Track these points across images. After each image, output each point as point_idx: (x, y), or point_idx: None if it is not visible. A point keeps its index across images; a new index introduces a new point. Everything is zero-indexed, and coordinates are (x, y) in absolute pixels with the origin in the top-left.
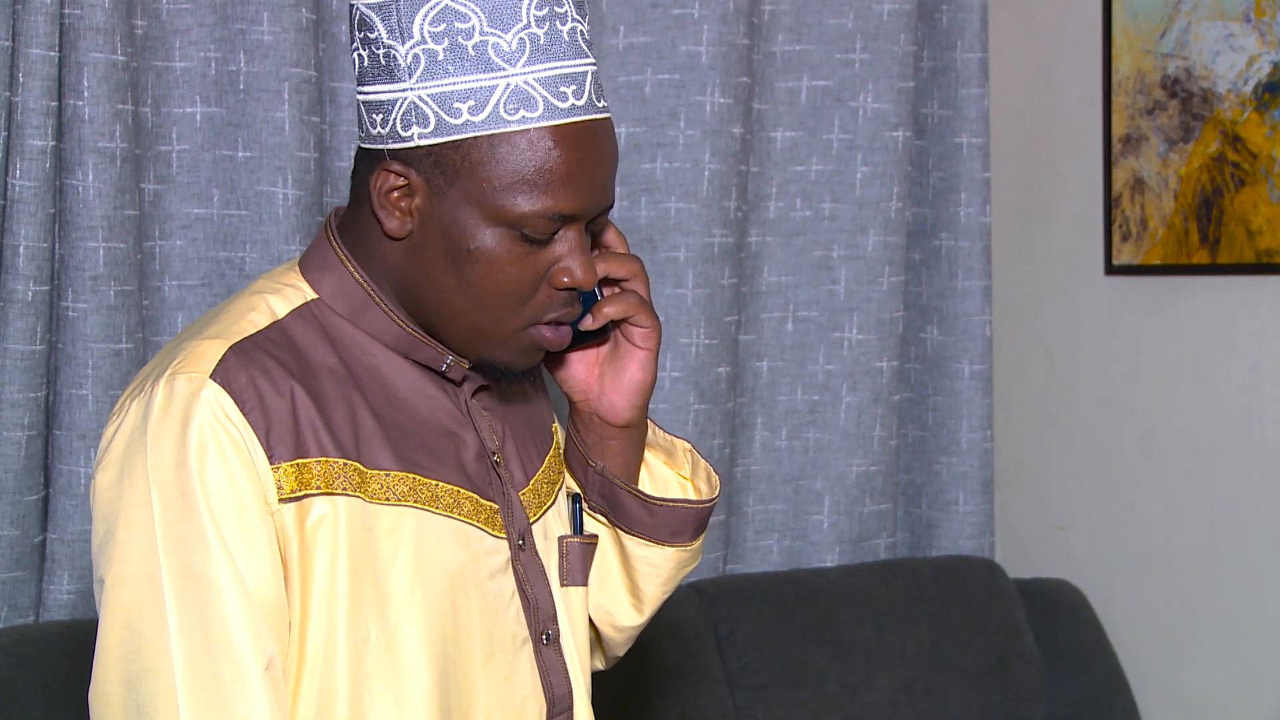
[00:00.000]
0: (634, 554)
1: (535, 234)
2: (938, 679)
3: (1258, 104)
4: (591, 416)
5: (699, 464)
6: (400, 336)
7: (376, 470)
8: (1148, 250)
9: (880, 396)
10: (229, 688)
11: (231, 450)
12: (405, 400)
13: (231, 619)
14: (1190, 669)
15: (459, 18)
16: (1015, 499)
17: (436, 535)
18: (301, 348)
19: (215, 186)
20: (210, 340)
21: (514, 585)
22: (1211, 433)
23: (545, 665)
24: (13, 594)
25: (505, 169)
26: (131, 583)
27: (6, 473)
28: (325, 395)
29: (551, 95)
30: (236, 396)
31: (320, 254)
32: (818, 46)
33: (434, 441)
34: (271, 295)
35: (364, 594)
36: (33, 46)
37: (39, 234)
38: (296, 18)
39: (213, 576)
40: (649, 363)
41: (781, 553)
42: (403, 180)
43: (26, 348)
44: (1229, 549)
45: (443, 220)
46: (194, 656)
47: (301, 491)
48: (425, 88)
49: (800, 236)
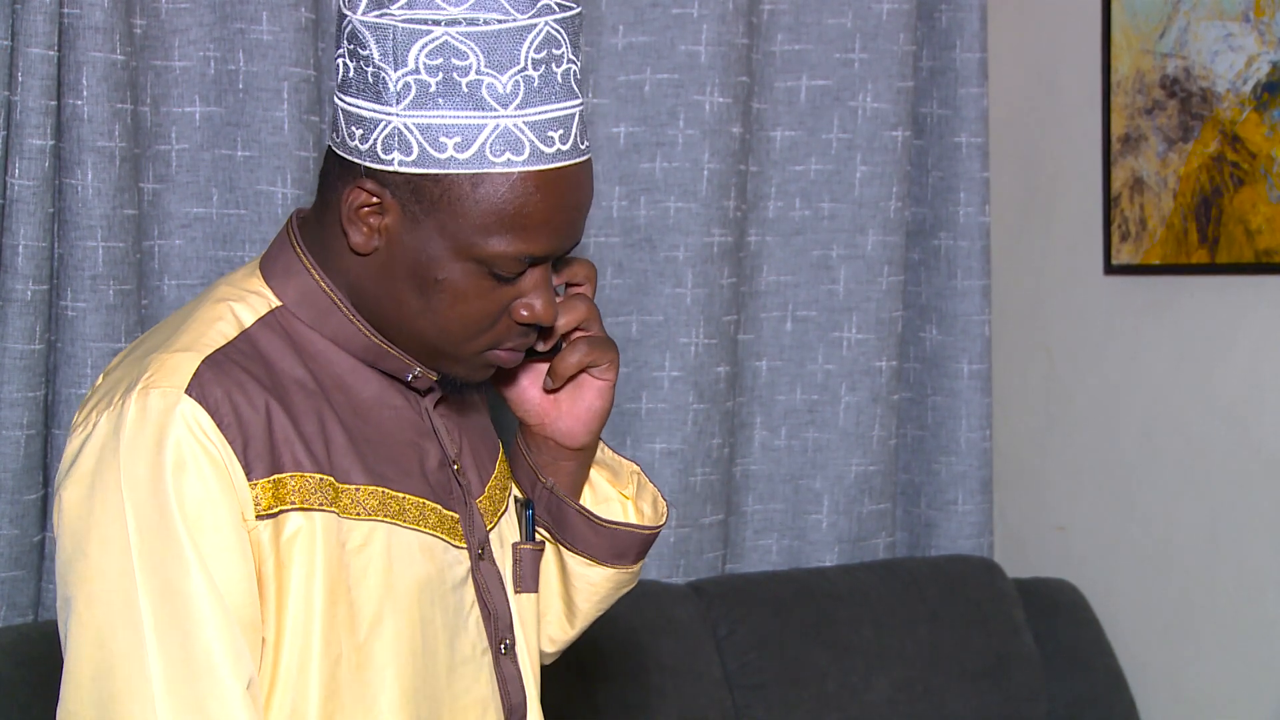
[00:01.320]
0: (573, 571)
1: (504, 273)
2: (937, 679)
3: (1257, 104)
4: (546, 440)
5: (646, 487)
6: (367, 346)
7: (348, 485)
8: (1147, 250)
9: (879, 396)
10: (211, 708)
11: (209, 467)
12: (370, 410)
13: (213, 639)
14: (1189, 668)
15: (457, 55)
16: (1014, 498)
17: (405, 549)
18: (270, 359)
19: (214, 186)
20: (182, 353)
21: (474, 596)
22: (1210, 432)
23: (504, 675)
24: (12, 593)
25: (484, 209)
26: (105, 600)
27: (5, 472)
28: (297, 409)
29: (539, 140)
30: (213, 412)
31: (283, 258)
32: (817, 46)
33: (399, 452)
34: (236, 303)
35: (338, 610)
36: (32, 45)
37: (38, 233)
38: (296, 17)
39: (192, 595)
40: (608, 391)
41: (780, 552)
42: (376, 200)
43: (25, 347)
44: (1228, 548)
45: (412, 246)
46: (174, 677)
47: (278, 507)
48: (412, 116)
49: (799, 236)
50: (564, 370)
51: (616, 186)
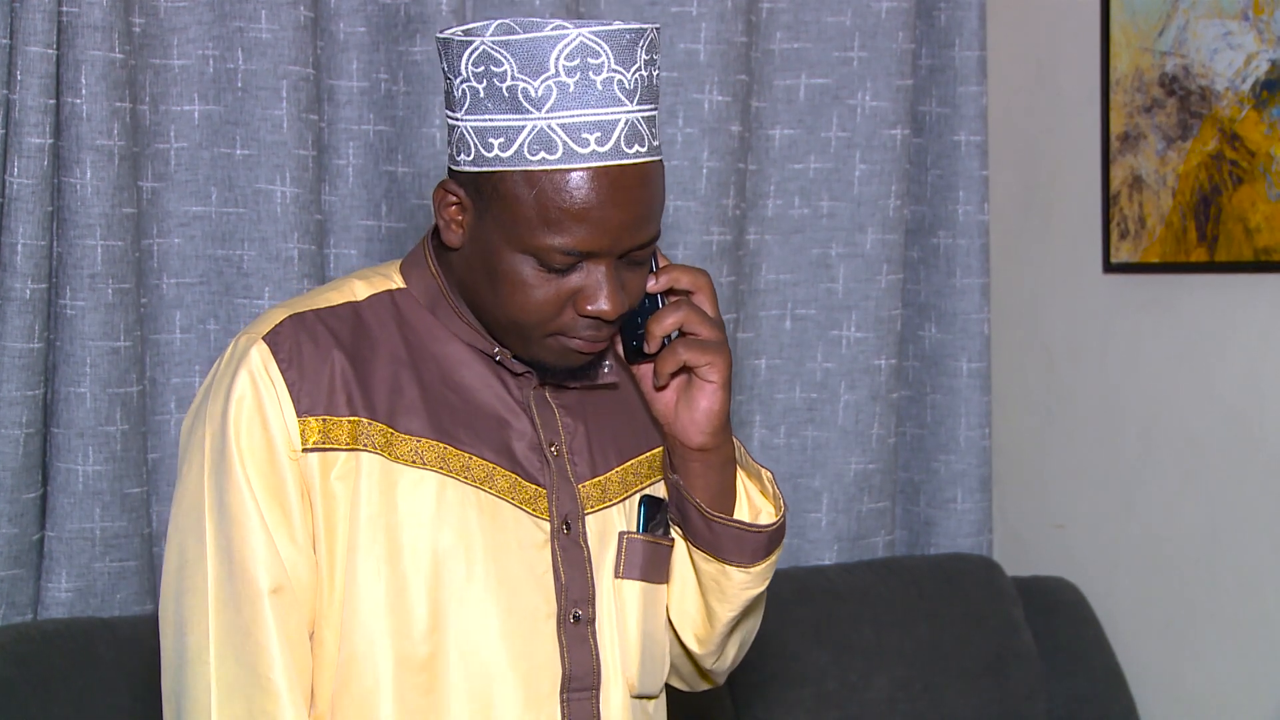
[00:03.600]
0: (700, 568)
1: (555, 265)
2: (936, 677)
3: (1256, 102)
4: (674, 439)
5: (775, 494)
6: (464, 329)
7: (408, 435)
8: (1146, 248)
9: (878, 394)
10: (243, 606)
11: (267, 400)
12: (463, 384)
13: (248, 547)
14: (1189, 666)
15: (494, 63)
16: (1013, 497)
17: (458, 500)
18: (368, 326)
19: (213, 184)
20: (280, 309)
21: (549, 563)
22: (1210, 430)
23: (567, 641)
24: (10, 592)
25: (527, 204)
26: (186, 512)
27: (4, 470)
28: (373, 366)
29: (572, 140)
30: (278, 355)
31: (416, 252)
32: (816, 44)
33: (481, 422)
34: (360, 281)
35: (377, 539)
36: (30, 44)
37: (37, 232)
38: (294, 15)
39: (237, 510)
40: (717, 393)
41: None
42: (455, 199)
43: (24, 345)
44: (1227, 546)
45: (482, 240)
46: (220, 577)
47: (327, 445)
48: (469, 121)
49: (798, 234)
50: (662, 369)
51: None
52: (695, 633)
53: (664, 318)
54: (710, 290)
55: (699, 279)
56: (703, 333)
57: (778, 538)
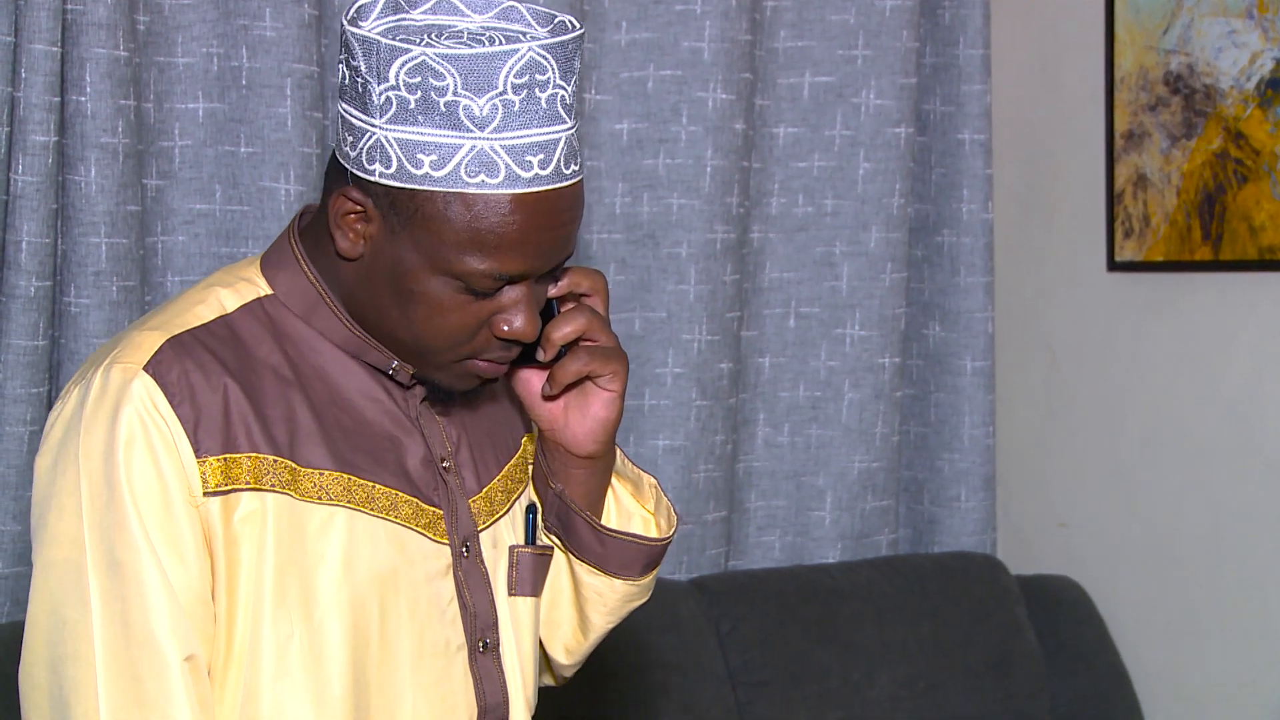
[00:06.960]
0: (582, 580)
1: (480, 289)
2: (939, 675)
3: (1260, 100)
4: (556, 446)
5: (661, 501)
6: (348, 338)
7: (310, 469)
8: (1150, 247)
9: (882, 393)
10: (147, 678)
11: (159, 442)
12: (350, 401)
13: (151, 611)
14: (1192, 665)
15: (435, 75)
16: (1017, 495)
17: (368, 536)
18: (246, 344)
19: (217, 182)
20: (150, 331)
21: (453, 591)
22: (1213, 429)
23: (480, 673)
24: (15, 589)
25: (457, 227)
26: (58, 567)
27: (9, 468)
28: (263, 392)
29: (515, 163)
30: (166, 389)
31: (280, 252)
32: (820, 42)
33: (375, 444)
34: (224, 289)
35: (289, 590)
36: (35, 42)
37: (41, 229)
38: (299, 13)
39: (135, 567)
40: (614, 402)
41: (783, 549)
42: (360, 208)
43: (29, 343)
44: (1231, 545)
45: (391, 256)
46: (114, 645)
47: (229, 486)
48: (392, 131)
49: (802, 233)
50: (561, 378)
51: (619, 183)
52: (565, 644)
53: (563, 325)
54: (605, 293)
55: (597, 281)
56: (602, 339)
57: (665, 547)
